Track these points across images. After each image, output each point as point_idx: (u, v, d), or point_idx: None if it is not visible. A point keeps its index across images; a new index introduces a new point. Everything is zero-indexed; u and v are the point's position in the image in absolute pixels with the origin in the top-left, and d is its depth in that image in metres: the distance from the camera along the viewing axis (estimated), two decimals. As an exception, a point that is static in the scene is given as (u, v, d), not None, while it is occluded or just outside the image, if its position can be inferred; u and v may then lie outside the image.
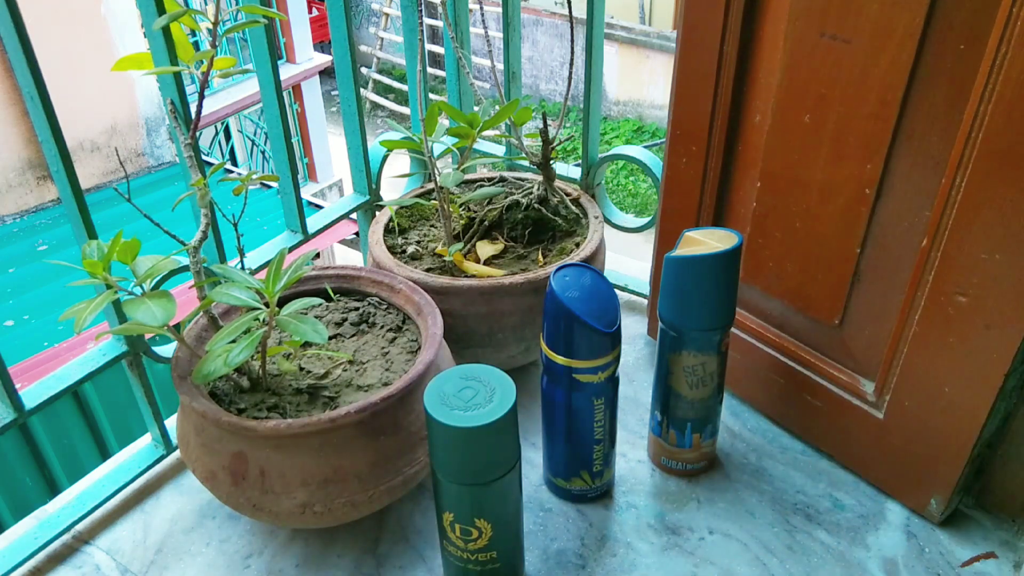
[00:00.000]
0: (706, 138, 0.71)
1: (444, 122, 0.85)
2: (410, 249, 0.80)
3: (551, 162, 0.82)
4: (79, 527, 0.69)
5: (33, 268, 3.66)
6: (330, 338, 0.70)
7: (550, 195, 0.83)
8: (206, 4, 4.60)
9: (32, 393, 0.63)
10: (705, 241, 0.62)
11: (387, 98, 7.63)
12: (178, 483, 0.73)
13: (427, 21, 6.83)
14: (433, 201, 0.86)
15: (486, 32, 0.83)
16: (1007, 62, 0.49)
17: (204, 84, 0.58)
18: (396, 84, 7.63)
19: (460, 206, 0.84)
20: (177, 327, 0.60)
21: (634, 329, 0.90)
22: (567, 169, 0.94)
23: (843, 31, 0.57)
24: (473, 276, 0.75)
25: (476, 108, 0.97)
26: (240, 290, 0.57)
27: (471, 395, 0.52)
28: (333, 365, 0.66)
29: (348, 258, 5.37)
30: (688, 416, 0.68)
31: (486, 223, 0.82)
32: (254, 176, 0.62)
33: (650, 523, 0.68)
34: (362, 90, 2.07)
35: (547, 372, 0.63)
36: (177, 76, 0.62)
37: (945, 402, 0.60)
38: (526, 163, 0.88)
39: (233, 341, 0.55)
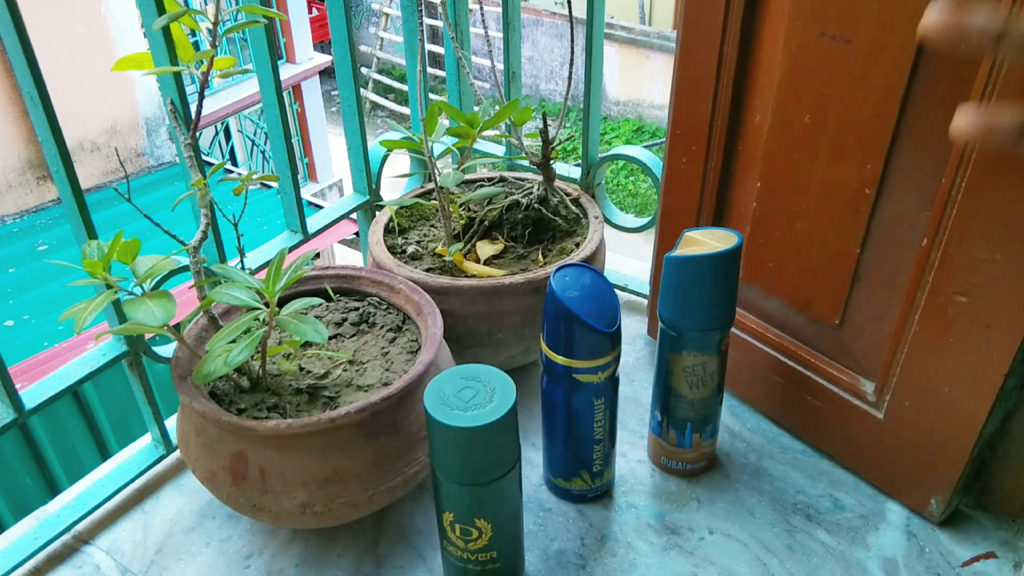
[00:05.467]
0: (706, 138, 0.71)
1: (444, 122, 0.85)
2: (410, 249, 0.80)
3: (551, 162, 0.82)
4: (79, 527, 0.69)
5: (33, 268, 3.66)
6: (330, 338, 0.70)
7: (550, 195, 0.83)
8: (206, 4, 4.60)
9: (32, 393, 0.63)
10: (705, 241, 0.62)
11: (387, 98, 7.63)
12: (178, 483, 0.73)
13: (427, 21, 6.83)
14: (433, 201, 0.86)
15: (486, 32, 0.83)
16: (1007, 62, 0.49)
17: (204, 84, 0.58)
18: (396, 84, 7.63)
19: (460, 206, 0.84)
20: (177, 327, 0.60)
21: (634, 329, 0.90)
22: (567, 169, 0.94)
23: (843, 31, 0.57)
24: (473, 276, 0.75)
25: (476, 108, 0.97)
26: (240, 290, 0.57)
27: (471, 395, 0.52)
28: (333, 365, 0.66)
29: (348, 258, 5.37)
30: (688, 416, 0.68)
31: (486, 223, 0.82)
32: (254, 176, 0.62)
33: (650, 523, 0.68)
34: (362, 90, 2.07)
35: (547, 372, 0.63)
36: (177, 76, 0.62)
37: (945, 402, 0.60)
38: (526, 163, 0.88)
39: (233, 341, 0.55)
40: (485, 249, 0.80)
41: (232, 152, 5.84)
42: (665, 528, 0.67)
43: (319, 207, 2.57)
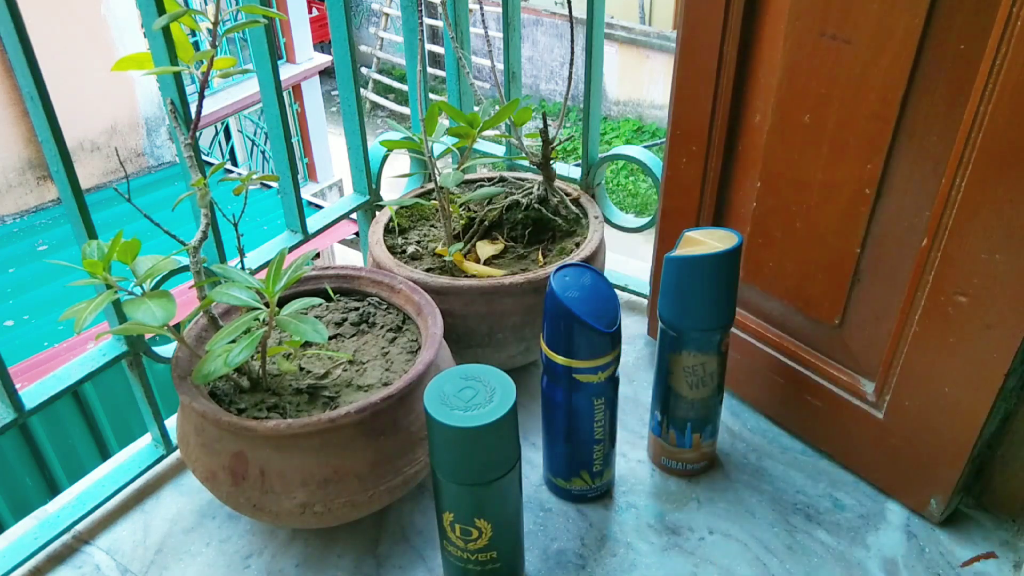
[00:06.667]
0: (706, 138, 0.71)
1: (444, 122, 0.85)
2: (410, 249, 0.80)
3: (551, 162, 0.82)
4: (79, 527, 0.69)
5: (33, 268, 3.66)
6: (330, 338, 0.70)
7: (550, 195, 0.83)
8: (206, 4, 4.60)
9: (32, 393, 0.63)
10: (705, 241, 0.62)
11: (387, 98, 7.63)
12: (178, 483, 0.73)
13: (427, 21, 6.83)
14: (433, 201, 0.86)
15: (486, 32, 0.83)
16: (1007, 62, 0.49)
17: (204, 84, 0.58)
18: (396, 84, 7.63)
19: (460, 206, 0.84)
20: (177, 327, 0.60)
21: (634, 329, 0.90)
22: (567, 169, 0.94)
23: (843, 31, 0.57)
24: (473, 276, 0.75)
25: (476, 108, 0.97)
26: (240, 290, 0.57)
27: (471, 395, 0.52)
28: (333, 365, 0.66)
29: (348, 258, 5.37)
30: (688, 416, 0.68)
31: (486, 223, 0.82)
32: (254, 176, 0.62)
33: (650, 523, 0.68)
34: (362, 90, 2.07)
35: (547, 372, 0.63)
36: (177, 76, 0.62)
37: (945, 402, 0.60)
38: (526, 163, 0.88)
39: (233, 341, 0.55)
40: (485, 249, 0.80)
41: (232, 152, 5.83)
42: (665, 528, 0.67)
43: (319, 207, 2.57)
